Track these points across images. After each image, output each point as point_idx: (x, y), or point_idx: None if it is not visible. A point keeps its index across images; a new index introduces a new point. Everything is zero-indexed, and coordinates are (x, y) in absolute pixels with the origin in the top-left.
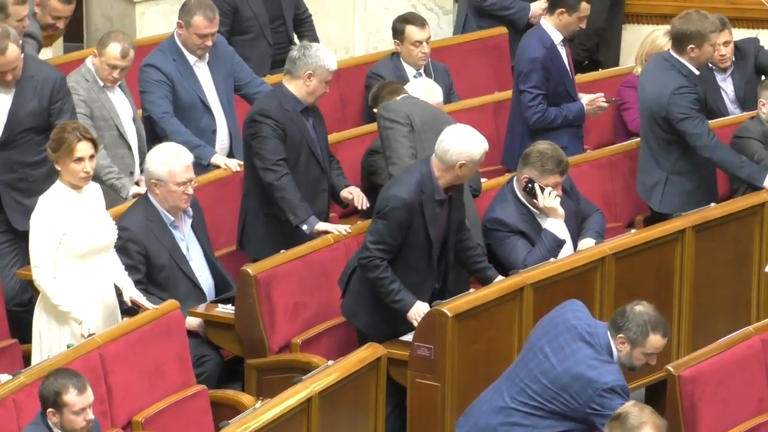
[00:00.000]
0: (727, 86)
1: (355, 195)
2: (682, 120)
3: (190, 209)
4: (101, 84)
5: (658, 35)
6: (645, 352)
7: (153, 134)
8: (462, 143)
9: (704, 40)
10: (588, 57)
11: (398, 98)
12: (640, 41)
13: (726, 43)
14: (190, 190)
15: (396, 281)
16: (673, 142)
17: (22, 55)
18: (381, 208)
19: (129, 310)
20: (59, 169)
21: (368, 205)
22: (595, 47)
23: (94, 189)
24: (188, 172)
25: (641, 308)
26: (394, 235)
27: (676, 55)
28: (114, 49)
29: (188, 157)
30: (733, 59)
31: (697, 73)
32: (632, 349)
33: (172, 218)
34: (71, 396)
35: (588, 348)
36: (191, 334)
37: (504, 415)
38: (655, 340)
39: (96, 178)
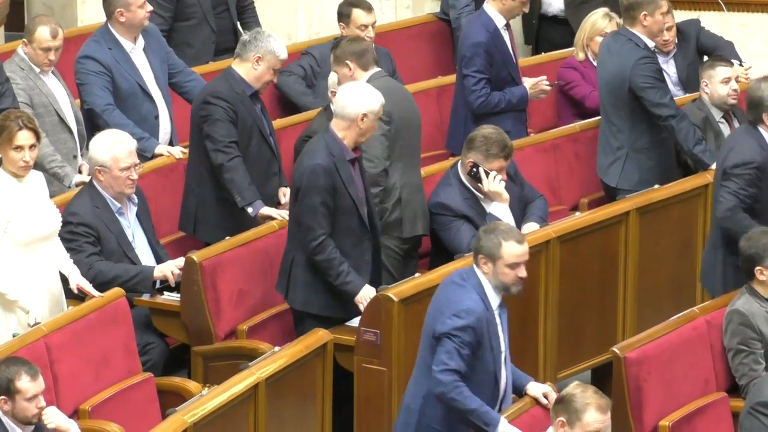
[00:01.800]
0: (669, 69)
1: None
2: (647, 89)
3: (135, 197)
4: (37, 71)
5: (597, 18)
6: (506, 264)
7: (94, 126)
8: (360, 96)
9: (656, 8)
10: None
11: (368, 74)
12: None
13: (669, 28)
14: (135, 176)
15: (344, 262)
16: (635, 116)
17: None
18: (301, 183)
19: (75, 296)
20: (6, 156)
21: None
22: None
23: (36, 177)
24: (132, 158)
25: (492, 225)
26: (325, 203)
27: (629, 29)
28: (43, 32)
29: (131, 143)
30: (675, 42)
31: (651, 45)
32: (494, 265)
33: (119, 205)
34: (24, 383)
35: (451, 292)
36: (136, 322)
37: (415, 385)
38: (510, 248)
39: (39, 166)
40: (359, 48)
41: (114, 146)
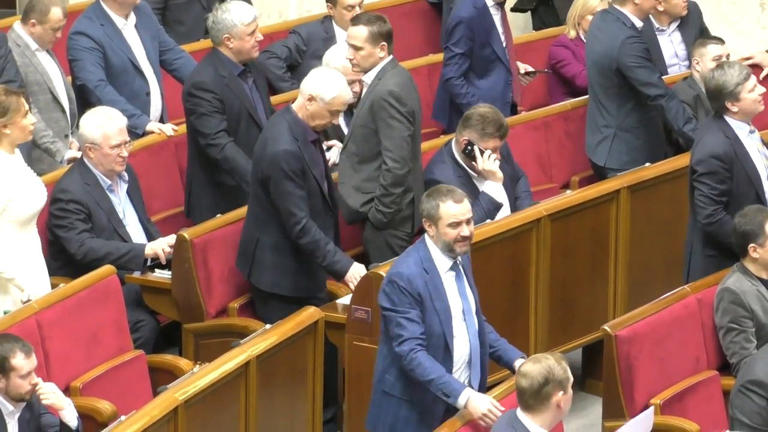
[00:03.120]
0: (673, 43)
1: None
2: (635, 68)
3: (125, 174)
4: (33, 48)
5: None
6: (447, 224)
7: (85, 102)
8: (318, 78)
9: None
10: (541, 24)
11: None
12: None
13: None
14: (125, 153)
15: (330, 242)
16: (623, 95)
17: None
18: (272, 171)
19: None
20: (7, 132)
21: None
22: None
23: (19, 153)
24: (122, 135)
25: (434, 189)
26: (300, 185)
27: (618, 7)
28: (57, 13)
29: (122, 120)
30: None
31: (639, 25)
32: (437, 227)
33: (109, 182)
34: (18, 360)
35: (400, 256)
36: (127, 299)
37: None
38: (448, 208)
39: (30, 141)
40: (390, 31)
41: (104, 123)
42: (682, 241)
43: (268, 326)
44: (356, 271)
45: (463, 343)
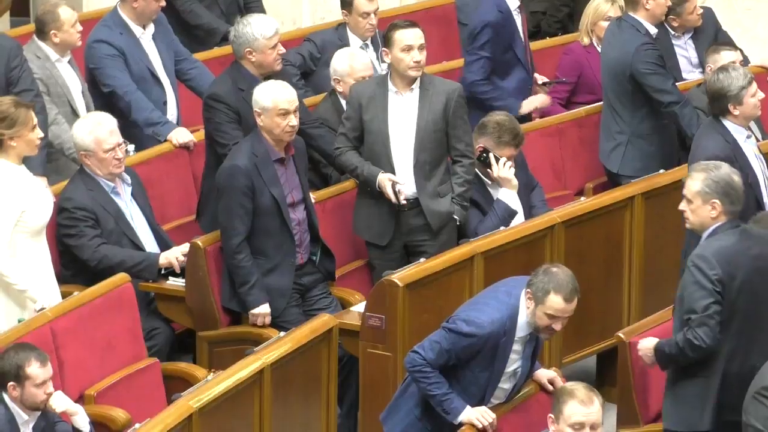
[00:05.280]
0: (688, 51)
1: None
2: (649, 75)
3: (127, 177)
4: (53, 59)
5: (600, 2)
6: (546, 312)
7: (113, 108)
8: (257, 92)
9: None
10: (560, 29)
11: None
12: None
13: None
14: (120, 154)
15: (253, 274)
16: (636, 102)
17: None
18: (220, 184)
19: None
20: (13, 144)
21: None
22: (567, 18)
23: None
24: (114, 137)
25: (556, 270)
26: (242, 203)
27: (632, 14)
28: (66, 11)
29: (111, 123)
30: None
31: (653, 32)
32: (535, 306)
33: (112, 185)
34: (34, 368)
35: (491, 298)
36: (141, 305)
37: None
38: (555, 301)
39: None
40: None
41: (94, 129)
42: None
43: (282, 334)
44: (260, 311)
45: (497, 397)
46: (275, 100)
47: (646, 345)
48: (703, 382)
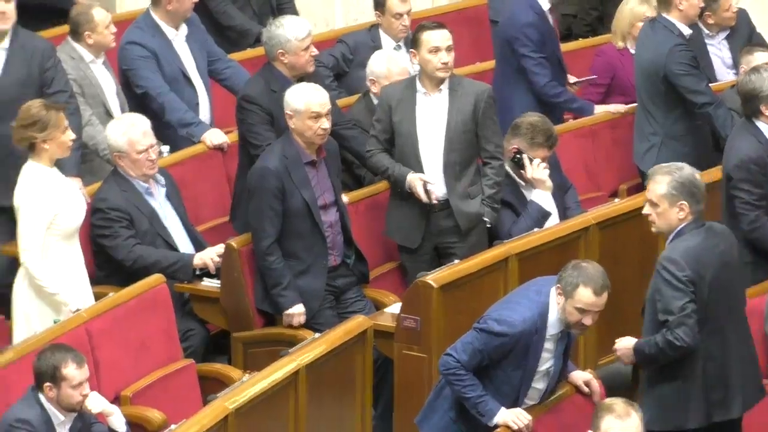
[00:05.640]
0: (722, 51)
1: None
2: (683, 76)
3: (161, 178)
4: (88, 60)
5: (634, 5)
6: (575, 306)
7: (146, 109)
8: (289, 95)
9: None
10: (590, 32)
11: None
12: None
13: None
14: (153, 155)
15: (285, 276)
16: (670, 103)
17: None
18: (251, 185)
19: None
20: (46, 147)
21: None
22: (597, 21)
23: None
24: (147, 138)
25: (585, 264)
26: (272, 205)
27: (665, 15)
28: (100, 12)
29: (145, 124)
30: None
31: (687, 33)
32: (565, 301)
33: (146, 185)
34: (71, 369)
35: (522, 297)
36: (177, 306)
37: None
38: (584, 294)
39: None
40: None
41: (127, 130)
42: None
43: (316, 335)
44: (295, 311)
45: (531, 398)
46: (307, 102)
47: (625, 344)
48: (682, 380)
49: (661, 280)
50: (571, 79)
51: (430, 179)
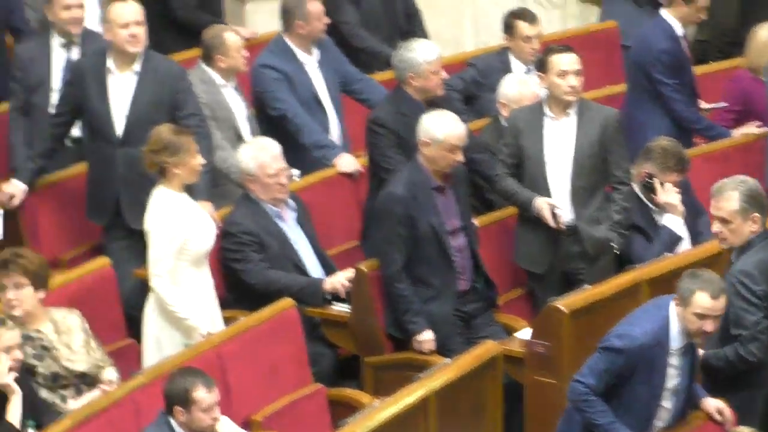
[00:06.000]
0: None
1: None
2: None
3: (292, 202)
4: (218, 84)
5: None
6: (694, 312)
7: (282, 131)
8: (429, 122)
9: None
10: (723, 58)
11: None
12: None
13: None
14: (284, 180)
15: (414, 302)
16: None
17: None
18: (378, 211)
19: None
20: (177, 172)
21: None
22: (731, 46)
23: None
24: (277, 162)
25: (701, 272)
26: (398, 231)
27: None
28: (232, 38)
29: (275, 148)
30: None
31: None
32: (684, 309)
33: (277, 210)
34: (201, 393)
35: (642, 312)
36: (306, 330)
37: None
38: (701, 298)
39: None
40: None
41: (258, 154)
42: None
43: (446, 361)
44: (424, 338)
45: (661, 418)
46: (448, 135)
47: None
48: (749, 392)
49: (735, 294)
50: (702, 104)
51: (557, 204)
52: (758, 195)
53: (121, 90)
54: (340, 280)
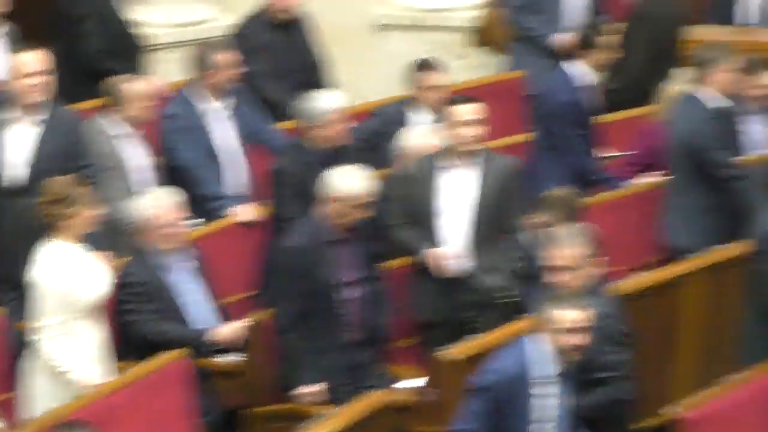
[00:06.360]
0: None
1: None
2: (711, 150)
3: (187, 251)
4: (120, 133)
5: (679, 84)
6: (556, 329)
7: (175, 182)
8: (334, 178)
9: None
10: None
11: None
12: None
13: None
14: (179, 230)
15: (302, 348)
16: (698, 175)
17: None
18: (272, 262)
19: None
20: (71, 223)
21: None
22: (643, 96)
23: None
24: (173, 213)
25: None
26: (292, 283)
27: (699, 88)
28: (144, 89)
29: (173, 198)
30: None
31: (720, 106)
32: (547, 331)
33: (170, 261)
34: None
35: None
36: (196, 381)
37: None
38: (559, 316)
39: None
40: None
41: (155, 203)
42: None
43: (332, 411)
44: (312, 391)
45: None
46: (356, 191)
47: None
48: None
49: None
50: (608, 152)
51: (451, 253)
52: None
53: (21, 140)
54: (234, 330)
